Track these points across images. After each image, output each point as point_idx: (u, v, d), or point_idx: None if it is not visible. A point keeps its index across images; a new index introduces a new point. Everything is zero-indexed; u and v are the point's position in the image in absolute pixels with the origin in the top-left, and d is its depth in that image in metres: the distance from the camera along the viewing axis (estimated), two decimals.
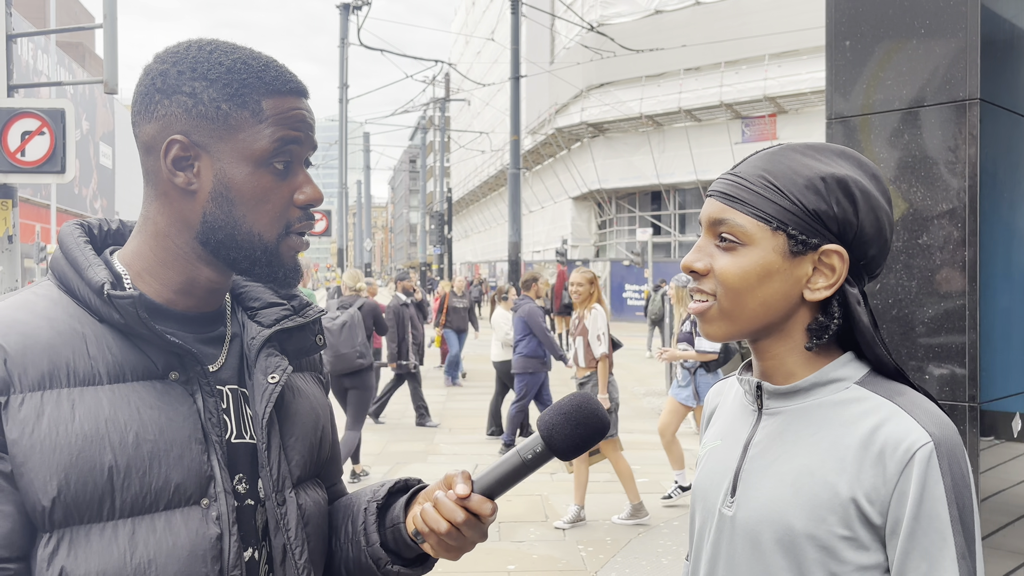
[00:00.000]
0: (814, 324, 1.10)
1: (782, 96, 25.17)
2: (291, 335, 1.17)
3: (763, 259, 1.07)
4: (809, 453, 1.07)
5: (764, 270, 1.07)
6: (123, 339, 1.01)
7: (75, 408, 0.95)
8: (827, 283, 1.08)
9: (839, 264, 1.07)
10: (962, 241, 2.22)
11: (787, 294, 1.08)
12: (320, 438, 1.19)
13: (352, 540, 1.19)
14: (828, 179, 1.06)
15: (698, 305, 1.12)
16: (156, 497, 0.97)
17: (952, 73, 2.26)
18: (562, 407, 1.06)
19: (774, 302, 1.08)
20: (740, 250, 1.08)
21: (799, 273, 1.08)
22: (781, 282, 1.07)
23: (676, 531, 5.92)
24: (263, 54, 1.06)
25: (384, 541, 1.16)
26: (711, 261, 1.10)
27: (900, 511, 1.00)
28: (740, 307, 1.08)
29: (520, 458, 1.05)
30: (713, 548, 1.16)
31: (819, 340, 1.10)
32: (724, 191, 1.10)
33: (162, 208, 1.05)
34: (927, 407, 1.04)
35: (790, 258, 1.07)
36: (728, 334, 1.11)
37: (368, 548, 1.16)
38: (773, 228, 1.06)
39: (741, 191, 1.09)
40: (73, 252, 1.04)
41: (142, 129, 1.04)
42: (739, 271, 1.07)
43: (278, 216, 1.05)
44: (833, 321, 1.09)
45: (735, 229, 1.08)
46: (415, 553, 1.16)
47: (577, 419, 1.05)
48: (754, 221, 1.07)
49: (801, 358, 1.11)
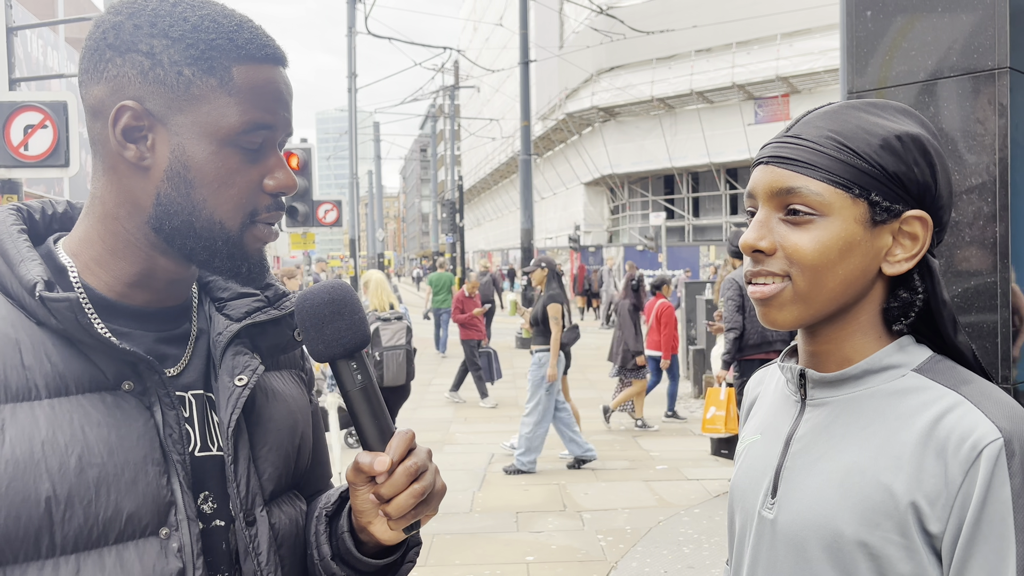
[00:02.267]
0: (895, 301, 0.98)
1: (795, 76, 24.90)
2: (264, 330, 1.03)
3: (845, 231, 0.94)
4: (859, 449, 0.96)
5: (846, 243, 0.94)
6: (66, 345, 0.87)
7: (4, 429, 0.81)
8: (908, 254, 0.97)
9: (922, 232, 0.96)
10: (992, 216, 2.13)
11: (867, 269, 0.97)
12: (299, 446, 1.05)
13: (309, 552, 1.05)
14: (904, 138, 0.95)
15: (766, 288, 0.98)
16: (105, 529, 0.84)
17: (980, 41, 2.16)
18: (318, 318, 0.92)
19: (854, 279, 0.96)
20: (818, 222, 0.95)
21: (879, 245, 0.96)
22: (862, 256, 0.95)
23: (697, 519, 5.84)
24: (236, 12, 0.92)
25: (336, 553, 1.02)
26: (777, 238, 0.97)
27: (962, 517, 0.88)
28: (819, 287, 0.95)
29: (359, 387, 0.93)
30: (753, 554, 1.05)
31: (906, 319, 0.99)
32: (789, 156, 0.97)
33: (110, 185, 0.91)
34: (998, 397, 0.92)
35: (871, 228, 0.95)
36: (800, 319, 0.98)
37: (320, 561, 1.02)
38: (855, 195, 0.94)
39: (811, 155, 0.95)
40: (4, 243, 0.89)
41: (89, 90, 0.90)
42: (819, 246, 0.94)
43: (244, 202, 0.92)
44: (918, 296, 0.98)
45: (810, 199, 0.95)
46: (368, 566, 1.00)
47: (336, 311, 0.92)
48: (831, 188, 0.94)
49: (862, 341, 1.00)
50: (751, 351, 6.40)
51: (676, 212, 30.83)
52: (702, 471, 7.13)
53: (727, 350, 6.41)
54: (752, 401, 1.21)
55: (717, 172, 28.90)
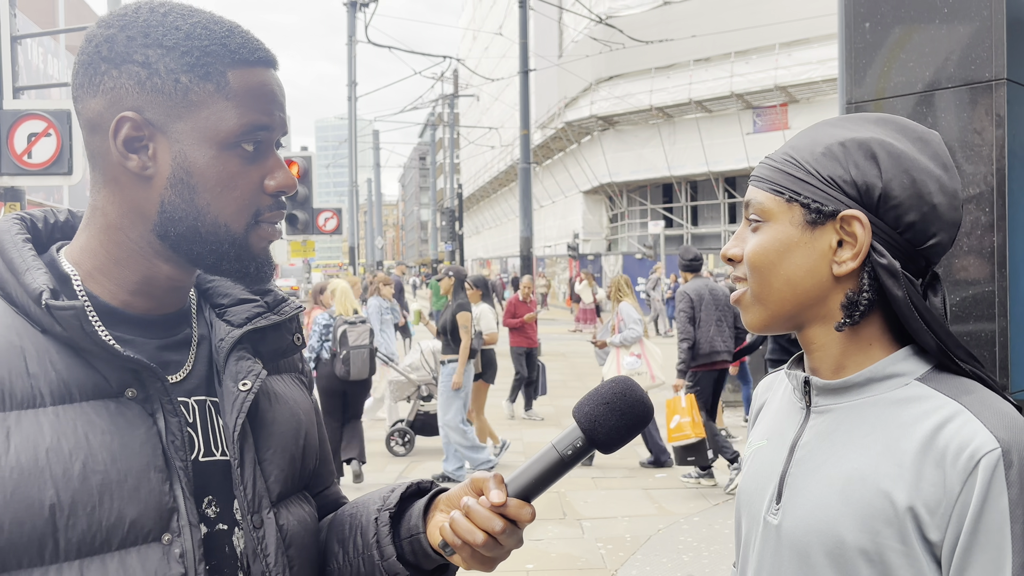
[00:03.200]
0: (844, 300, 1.02)
1: (793, 85, 24.97)
2: (265, 335, 1.05)
3: (781, 232, 1.03)
4: (861, 456, 0.98)
5: (782, 244, 1.02)
6: (70, 353, 0.88)
7: (10, 436, 0.82)
8: (851, 254, 1.00)
9: (860, 231, 0.99)
10: (990, 226, 2.15)
11: (812, 269, 1.01)
12: (303, 447, 1.07)
13: (363, 555, 1.06)
14: (848, 143, 1.00)
15: (735, 293, 1.09)
16: (108, 536, 0.85)
17: (977, 53, 2.19)
18: (603, 395, 0.96)
19: (798, 279, 1.02)
20: (763, 227, 1.05)
21: (821, 245, 1.01)
22: (803, 256, 1.01)
23: (696, 527, 5.85)
24: (224, 18, 0.94)
25: (401, 554, 1.04)
26: (744, 246, 1.07)
27: (960, 526, 0.90)
28: (767, 287, 1.04)
29: (559, 455, 0.95)
30: (758, 558, 1.07)
31: (850, 319, 1.01)
32: (755, 174, 1.08)
33: (112, 196, 0.92)
34: (998, 407, 0.94)
35: (809, 229, 1.01)
36: (764, 320, 1.06)
37: (383, 563, 1.03)
38: (787, 200, 1.02)
39: (766, 170, 1.06)
40: (9, 252, 0.90)
41: (86, 105, 0.91)
42: (758, 247, 1.04)
43: (247, 204, 0.93)
44: (862, 295, 1.00)
45: (756, 208, 1.05)
46: (436, 564, 1.04)
47: (622, 408, 0.96)
48: (771, 196, 1.04)
49: (847, 347, 1.03)
50: (702, 359, 6.78)
51: (675, 220, 30.86)
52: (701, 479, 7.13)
53: (681, 360, 6.81)
54: (760, 407, 1.23)
55: (715, 181, 28.94)
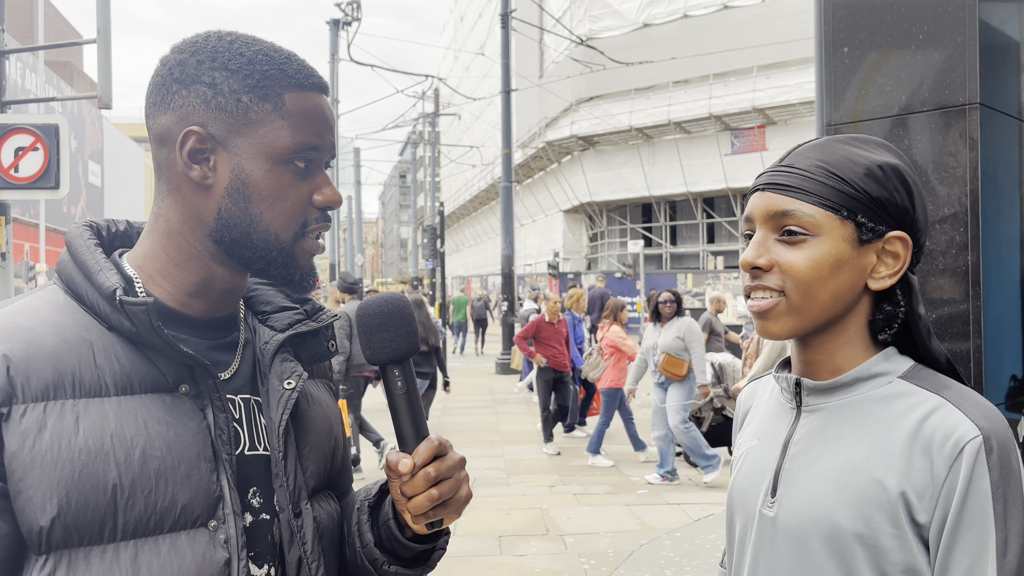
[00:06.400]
0: (880, 314, 1.10)
1: (771, 107, 25.29)
2: (304, 340, 1.13)
3: (835, 249, 1.05)
4: (853, 449, 1.05)
5: (836, 260, 1.05)
6: (132, 348, 0.96)
7: (79, 421, 0.89)
8: (890, 271, 1.08)
9: (903, 251, 1.07)
10: (964, 245, 2.22)
11: (854, 285, 1.07)
12: (333, 447, 1.15)
13: (349, 542, 1.14)
14: (885, 167, 1.06)
15: (762, 302, 1.08)
16: (161, 518, 0.92)
17: (951, 78, 2.27)
18: (368, 329, 1.02)
19: (843, 293, 1.07)
20: (810, 241, 1.06)
21: (865, 263, 1.07)
22: (850, 272, 1.07)
23: (678, 542, 5.89)
24: (284, 48, 1.03)
25: (378, 540, 1.11)
26: (773, 256, 1.08)
27: (947, 508, 0.98)
28: (811, 301, 1.06)
29: (402, 393, 1.01)
30: (754, 551, 1.13)
31: (890, 330, 1.09)
32: (783, 183, 1.08)
33: (175, 204, 1.01)
34: (975, 400, 1.03)
35: (858, 247, 1.06)
36: (793, 330, 1.09)
37: (363, 549, 1.11)
38: (843, 217, 1.05)
39: (804, 181, 1.06)
40: (83, 255, 0.98)
41: (157, 121, 1.00)
42: (811, 263, 1.05)
43: (295, 215, 1.02)
44: (900, 309, 1.09)
45: (803, 220, 1.06)
46: (412, 552, 1.10)
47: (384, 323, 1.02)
48: (822, 211, 1.05)
49: (851, 352, 1.10)
50: None
51: (654, 240, 31.07)
52: (683, 496, 7.19)
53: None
54: (745, 412, 1.30)
55: (694, 201, 29.21)
